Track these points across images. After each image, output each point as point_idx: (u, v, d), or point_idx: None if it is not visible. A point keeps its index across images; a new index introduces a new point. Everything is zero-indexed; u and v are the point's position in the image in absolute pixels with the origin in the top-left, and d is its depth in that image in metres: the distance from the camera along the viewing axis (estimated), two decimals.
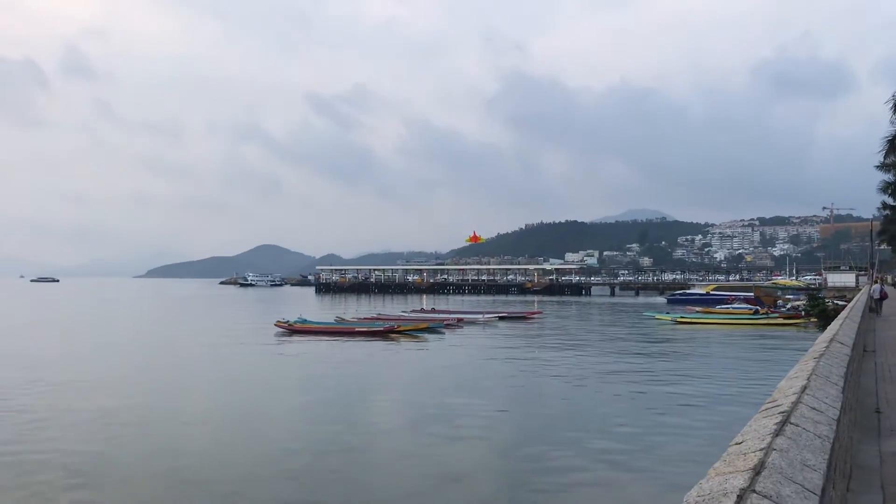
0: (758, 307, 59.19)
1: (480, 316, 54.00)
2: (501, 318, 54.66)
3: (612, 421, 16.38)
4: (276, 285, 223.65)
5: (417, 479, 11.97)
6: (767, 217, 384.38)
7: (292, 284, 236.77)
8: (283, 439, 15.07)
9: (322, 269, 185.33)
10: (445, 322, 47.17)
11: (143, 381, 23.36)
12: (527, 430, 15.73)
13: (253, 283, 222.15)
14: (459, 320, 50.18)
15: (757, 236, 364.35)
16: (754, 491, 2.11)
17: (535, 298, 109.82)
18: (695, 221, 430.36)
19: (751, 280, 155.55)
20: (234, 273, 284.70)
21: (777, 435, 2.88)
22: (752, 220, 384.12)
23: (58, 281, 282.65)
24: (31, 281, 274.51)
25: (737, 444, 2.90)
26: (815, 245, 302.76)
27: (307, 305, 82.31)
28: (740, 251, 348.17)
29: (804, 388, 4.05)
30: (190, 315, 67.37)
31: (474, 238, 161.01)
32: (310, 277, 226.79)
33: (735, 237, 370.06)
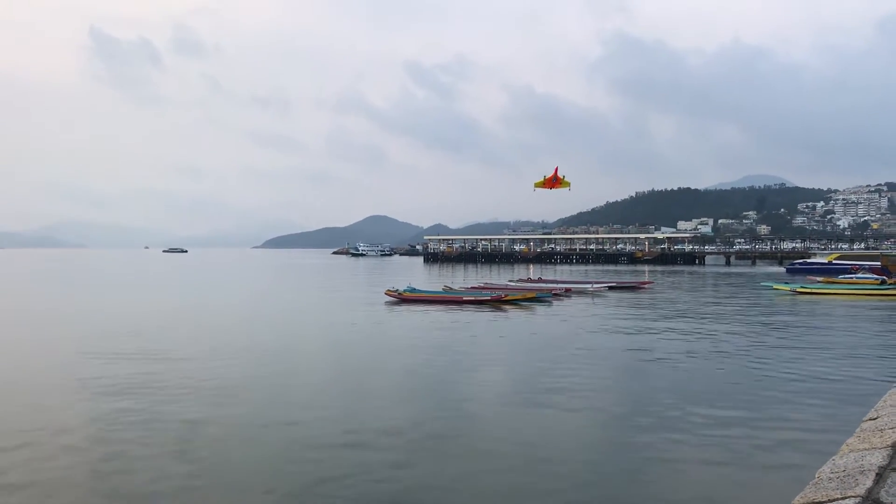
0: (885, 277, 55.79)
1: (589, 286, 53.24)
2: (611, 289, 53.72)
3: (726, 397, 15.89)
4: (385, 255, 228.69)
5: (515, 455, 12.00)
6: None
7: (401, 254, 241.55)
8: (386, 405, 15.44)
9: (430, 239, 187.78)
10: (553, 292, 46.86)
11: (268, 342, 24.43)
12: (636, 407, 15.46)
13: (364, 252, 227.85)
14: (568, 290, 49.68)
15: (885, 202, 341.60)
16: (895, 469, 1.99)
17: (646, 268, 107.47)
18: (816, 187, 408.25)
19: (877, 248, 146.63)
20: (346, 243, 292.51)
21: None
22: (880, 185, 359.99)
23: (186, 251, 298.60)
24: (163, 251, 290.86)
25: (871, 419, 2.74)
26: None
27: (416, 275, 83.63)
28: (866, 218, 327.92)
29: None
30: (308, 283, 69.81)
31: (551, 181, 67.62)
32: (418, 247, 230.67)
33: (860, 203, 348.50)
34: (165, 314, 35.60)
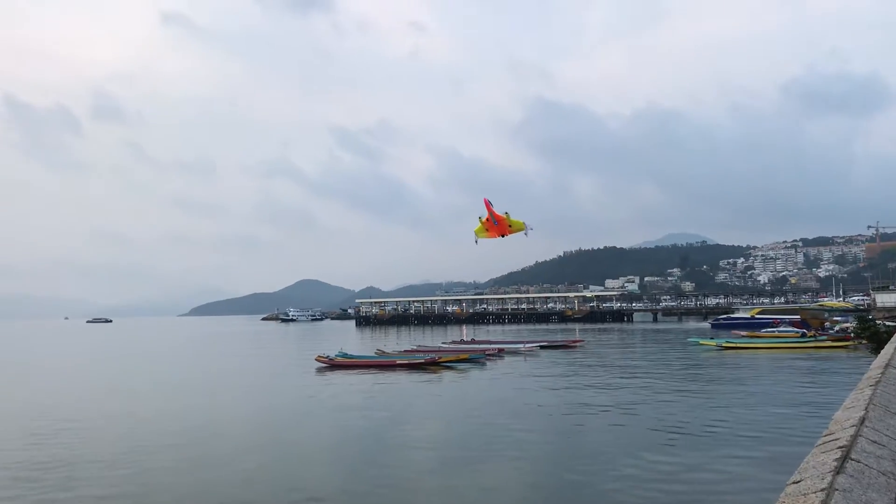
0: (805, 330, 57.91)
1: (521, 345, 53.47)
2: (543, 347, 54.02)
3: (656, 459, 15.99)
4: (316, 320, 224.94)
5: None
6: (810, 238, 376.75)
7: (333, 318, 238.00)
8: (319, 478, 15.00)
9: (362, 303, 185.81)
10: (486, 352, 46.82)
11: (195, 414, 23.53)
12: (569, 466, 15.41)
13: (294, 318, 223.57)
14: (500, 350, 49.78)
15: (801, 258, 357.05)
16: None
17: (577, 326, 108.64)
18: (736, 244, 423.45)
19: (796, 302, 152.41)
20: (276, 309, 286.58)
21: (838, 473, 2.72)
22: (795, 241, 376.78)
23: (111, 321, 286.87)
24: (87, 322, 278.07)
25: (794, 483, 2.74)
26: (861, 265, 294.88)
27: (347, 339, 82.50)
28: (784, 273, 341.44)
29: (863, 420, 3.85)
30: (236, 352, 67.95)
31: (490, 223, 27.98)
32: (350, 311, 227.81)
33: (778, 259, 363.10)
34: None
